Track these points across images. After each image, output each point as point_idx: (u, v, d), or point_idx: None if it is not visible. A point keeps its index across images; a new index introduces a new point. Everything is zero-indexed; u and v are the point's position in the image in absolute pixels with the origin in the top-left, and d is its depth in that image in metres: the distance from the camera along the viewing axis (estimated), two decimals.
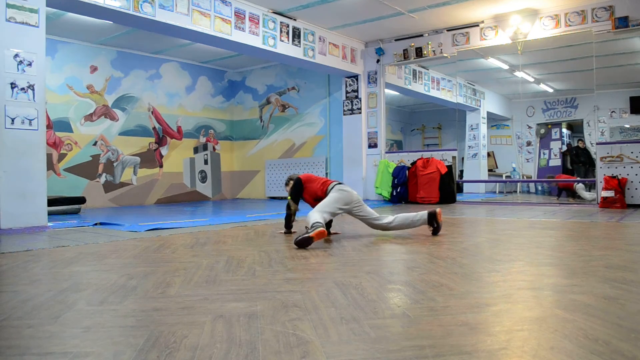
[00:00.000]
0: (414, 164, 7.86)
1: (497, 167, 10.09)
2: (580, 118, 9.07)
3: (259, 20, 6.70)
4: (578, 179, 7.66)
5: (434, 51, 7.84)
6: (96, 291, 1.92)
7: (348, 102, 8.58)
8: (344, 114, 8.64)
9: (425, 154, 8.05)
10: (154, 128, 8.90)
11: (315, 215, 3.29)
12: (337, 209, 3.51)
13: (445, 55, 7.76)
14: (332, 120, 9.01)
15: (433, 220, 3.57)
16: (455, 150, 8.09)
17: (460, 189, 8.91)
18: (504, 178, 9.88)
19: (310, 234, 3.02)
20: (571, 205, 6.87)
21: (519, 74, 8.48)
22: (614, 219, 4.73)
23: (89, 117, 7.98)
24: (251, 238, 3.57)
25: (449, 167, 7.61)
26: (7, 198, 4.15)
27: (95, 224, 4.74)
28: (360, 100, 8.46)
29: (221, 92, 10.18)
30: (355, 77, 8.53)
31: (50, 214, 4.88)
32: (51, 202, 5.36)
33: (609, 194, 6.16)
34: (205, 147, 9.77)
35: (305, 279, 2.10)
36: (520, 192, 9.84)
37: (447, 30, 7.71)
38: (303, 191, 3.73)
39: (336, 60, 7.98)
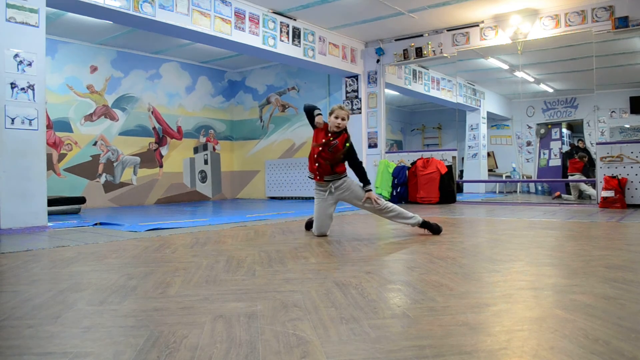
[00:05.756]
0: (414, 164, 7.85)
1: (497, 167, 10.08)
2: (580, 118, 9.07)
3: (259, 20, 6.70)
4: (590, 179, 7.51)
5: (434, 51, 7.84)
6: (96, 291, 1.92)
7: (348, 102, 8.58)
8: None
9: (425, 154, 8.04)
10: (154, 128, 8.90)
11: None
12: None
13: (445, 55, 7.76)
14: None
15: (426, 227, 3.69)
16: (455, 150, 8.09)
17: (460, 189, 8.90)
18: (504, 178, 9.88)
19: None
20: (571, 205, 6.87)
21: (519, 74, 8.48)
22: (614, 219, 4.73)
23: (89, 117, 7.98)
24: (251, 238, 3.57)
25: (449, 167, 7.60)
26: (7, 198, 4.15)
27: (95, 224, 4.74)
28: (360, 100, 8.45)
29: (221, 92, 10.18)
30: (355, 77, 8.52)
31: (50, 214, 4.88)
32: (51, 202, 5.36)
33: (609, 194, 6.16)
34: (205, 147, 9.76)
35: (305, 279, 2.10)
36: (520, 192, 9.84)
37: (447, 30, 7.71)
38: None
39: (336, 60, 7.98)
